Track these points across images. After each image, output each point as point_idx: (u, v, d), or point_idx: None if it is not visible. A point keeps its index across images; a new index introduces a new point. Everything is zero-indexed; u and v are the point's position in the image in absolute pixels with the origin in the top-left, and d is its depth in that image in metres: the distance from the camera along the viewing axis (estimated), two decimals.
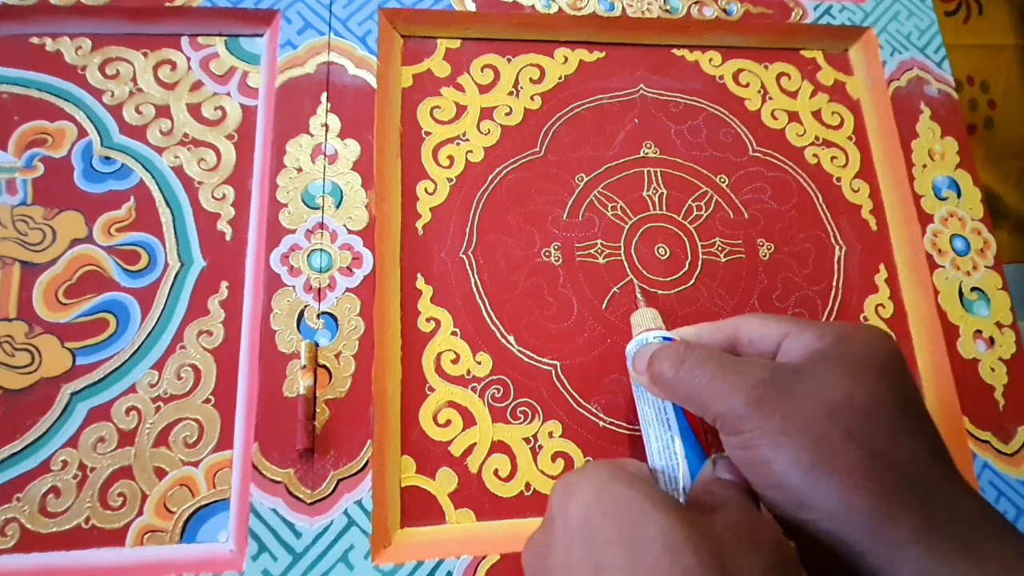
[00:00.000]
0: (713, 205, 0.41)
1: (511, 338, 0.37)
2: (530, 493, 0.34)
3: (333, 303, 0.35)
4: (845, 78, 0.45)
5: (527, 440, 0.35)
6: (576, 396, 0.36)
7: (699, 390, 0.27)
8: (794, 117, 0.44)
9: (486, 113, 0.41)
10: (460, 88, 0.41)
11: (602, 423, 0.36)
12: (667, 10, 0.43)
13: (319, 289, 0.35)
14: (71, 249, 0.35)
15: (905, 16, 0.46)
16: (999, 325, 0.40)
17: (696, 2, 0.44)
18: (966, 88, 0.67)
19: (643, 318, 0.34)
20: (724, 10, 0.44)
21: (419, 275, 0.37)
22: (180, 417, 0.33)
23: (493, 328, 0.37)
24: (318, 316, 0.34)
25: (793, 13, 0.44)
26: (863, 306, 0.40)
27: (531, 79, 0.42)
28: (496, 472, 0.34)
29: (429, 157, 0.39)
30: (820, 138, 0.44)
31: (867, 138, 0.44)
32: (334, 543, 0.31)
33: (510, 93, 0.41)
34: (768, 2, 0.44)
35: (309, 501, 0.31)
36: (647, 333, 0.32)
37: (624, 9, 0.43)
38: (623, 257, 0.39)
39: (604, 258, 0.39)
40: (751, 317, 0.29)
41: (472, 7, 0.41)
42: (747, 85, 0.44)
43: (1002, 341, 0.39)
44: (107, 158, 0.37)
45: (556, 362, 0.36)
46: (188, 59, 0.39)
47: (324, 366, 0.33)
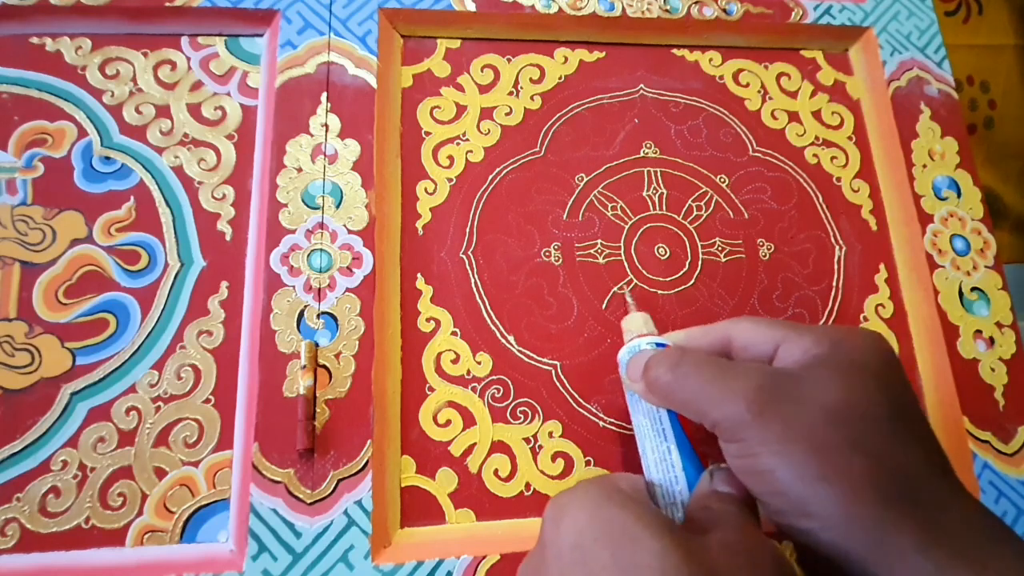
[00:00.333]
0: (713, 205, 0.41)
1: (511, 338, 0.37)
2: (530, 493, 0.34)
3: (333, 303, 0.35)
4: (845, 78, 0.45)
5: (527, 440, 0.35)
6: (576, 396, 0.36)
7: (695, 395, 0.26)
8: (794, 117, 0.44)
9: (486, 113, 0.41)
10: (460, 88, 0.41)
11: (602, 423, 0.36)
12: (667, 10, 0.43)
13: (319, 289, 0.35)
14: (71, 249, 0.35)
15: (905, 16, 0.46)
16: (999, 325, 0.40)
17: (696, 2, 0.44)
18: (966, 88, 0.67)
19: (634, 323, 0.34)
20: (724, 10, 0.44)
21: (419, 275, 0.37)
22: (180, 417, 0.33)
23: (493, 328, 0.37)
24: (318, 316, 0.34)
25: (793, 13, 0.44)
26: (863, 306, 0.40)
27: (531, 79, 0.42)
28: (496, 472, 0.34)
29: (429, 157, 0.39)
30: (820, 138, 0.43)
31: (867, 138, 0.44)
32: (334, 543, 0.31)
33: (510, 93, 0.41)
34: (768, 2, 0.44)
35: (309, 501, 0.31)
36: (639, 339, 0.32)
37: (624, 9, 0.43)
38: (623, 257, 0.39)
39: (604, 258, 0.39)
40: (742, 321, 0.29)
41: (472, 7, 0.41)
42: (747, 85, 0.44)
43: (1002, 341, 0.39)
44: (107, 158, 0.37)
45: (556, 362, 0.36)
46: (188, 59, 0.39)
47: (324, 366, 0.33)
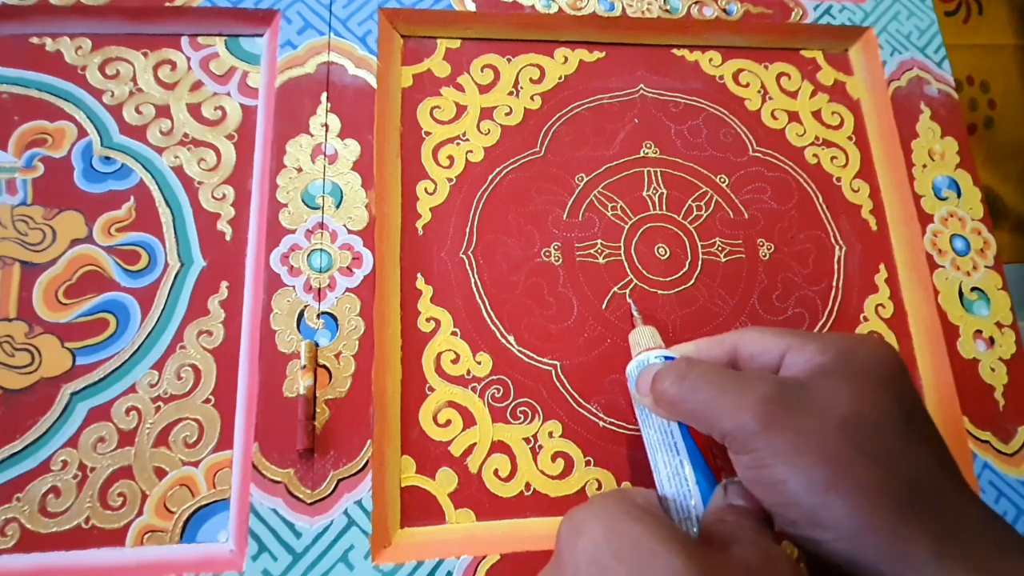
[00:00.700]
0: (713, 205, 0.41)
1: (511, 338, 0.37)
2: (530, 493, 0.34)
3: (333, 303, 0.35)
4: (845, 78, 0.45)
5: (527, 440, 0.35)
6: (576, 396, 0.36)
7: (705, 407, 0.26)
8: (794, 117, 0.44)
9: (486, 113, 0.41)
10: (460, 88, 0.41)
11: (602, 423, 0.36)
12: (667, 10, 0.43)
13: (319, 289, 0.35)
14: (71, 249, 0.35)
15: (905, 16, 0.46)
16: (999, 325, 0.40)
17: (696, 2, 0.44)
18: (966, 88, 0.67)
19: (641, 337, 0.34)
20: (724, 10, 0.44)
21: (419, 275, 0.37)
22: (180, 417, 0.33)
23: (493, 328, 0.37)
24: (318, 316, 0.34)
25: (793, 13, 0.44)
26: (863, 306, 0.40)
27: (531, 79, 0.42)
28: (496, 472, 0.34)
29: (429, 157, 0.39)
30: (820, 138, 0.43)
31: (867, 138, 0.44)
32: (334, 543, 0.31)
33: (510, 93, 0.41)
34: (768, 2, 0.44)
35: (309, 501, 0.31)
36: (647, 353, 0.32)
37: (624, 9, 0.43)
38: (623, 257, 0.39)
39: (604, 258, 0.39)
40: (750, 331, 0.29)
41: (472, 7, 0.41)
42: (747, 85, 0.44)
43: (1002, 341, 0.39)
44: (107, 158, 0.37)
45: (556, 362, 0.36)
46: (188, 59, 0.39)
47: (324, 366, 0.33)
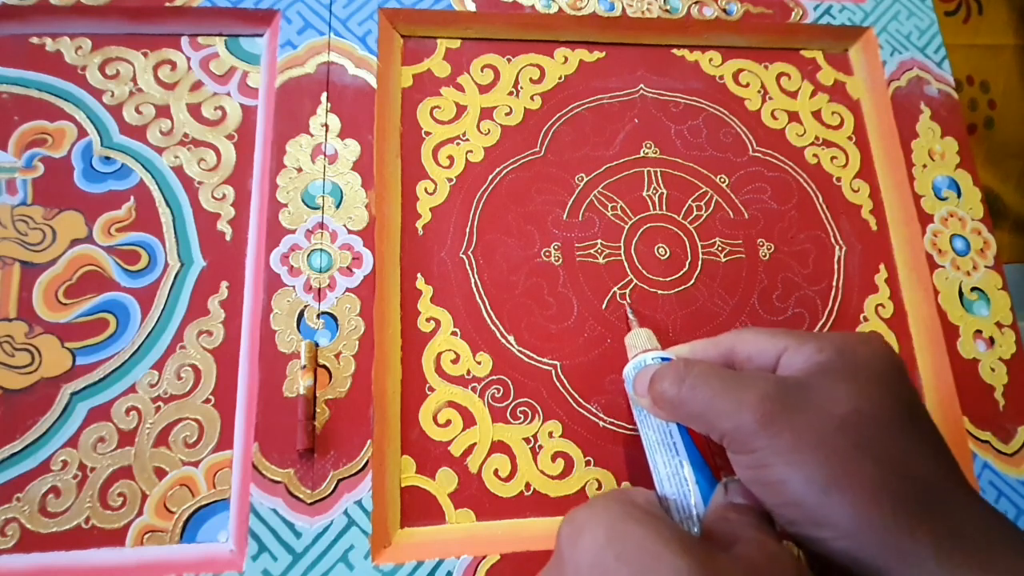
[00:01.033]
0: (713, 205, 0.41)
1: (511, 338, 0.37)
2: (530, 493, 0.34)
3: (333, 303, 0.35)
4: (845, 78, 0.45)
5: (527, 440, 0.35)
6: (576, 396, 0.36)
7: (704, 408, 0.26)
8: (794, 117, 0.44)
9: (486, 113, 0.41)
10: (460, 88, 0.41)
11: (602, 423, 0.36)
12: (667, 10, 0.43)
13: (319, 289, 0.35)
14: (71, 249, 0.35)
15: (905, 16, 0.46)
16: (999, 325, 0.40)
17: (696, 2, 0.44)
18: (966, 88, 0.67)
19: (637, 339, 0.34)
20: (724, 10, 0.44)
21: (419, 275, 0.37)
22: (180, 417, 0.33)
23: (493, 328, 0.37)
24: (318, 316, 0.34)
25: (793, 13, 0.44)
26: (863, 306, 0.40)
27: (531, 79, 0.42)
28: (496, 472, 0.34)
29: (429, 157, 0.39)
30: (820, 138, 0.43)
31: (867, 138, 0.44)
32: (334, 543, 0.31)
33: (510, 93, 0.41)
34: (768, 2, 0.44)
35: (309, 501, 0.31)
36: (644, 354, 0.32)
37: (624, 9, 0.43)
38: (623, 257, 0.39)
39: (604, 258, 0.39)
40: (746, 331, 0.29)
41: (472, 7, 0.41)
42: (747, 85, 0.44)
43: (1002, 341, 0.39)
44: (107, 158, 0.37)
45: (556, 362, 0.36)
46: (188, 59, 0.39)
47: (324, 366, 0.33)
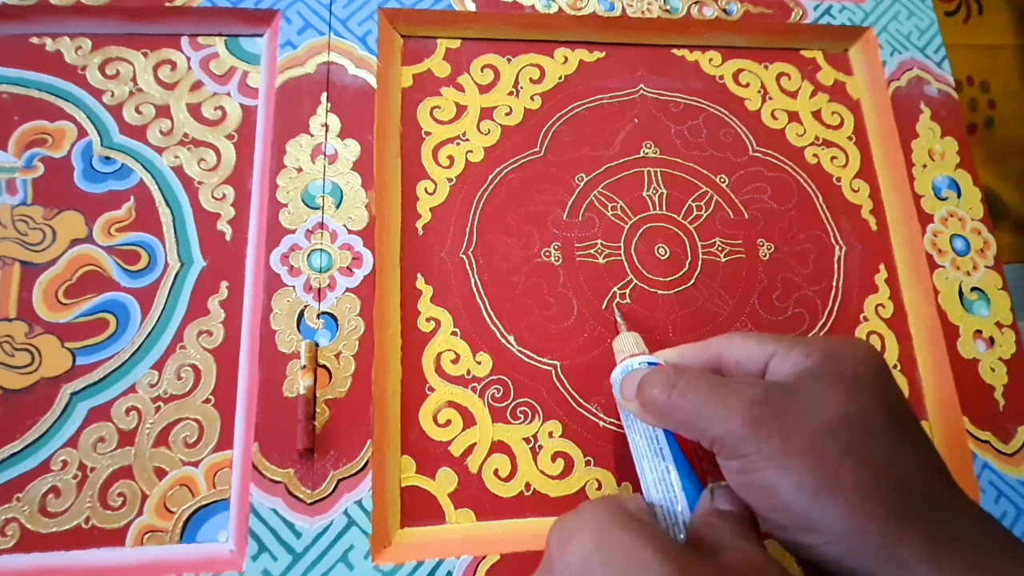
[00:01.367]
0: (713, 205, 0.41)
1: (511, 338, 0.37)
2: (530, 493, 0.34)
3: (333, 303, 0.35)
4: (845, 78, 0.45)
5: (527, 440, 0.35)
6: (576, 396, 0.36)
7: (693, 414, 0.26)
8: (794, 117, 0.44)
9: (486, 113, 0.41)
10: (460, 88, 0.41)
11: (602, 423, 0.36)
12: (667, 10, 0.43)
13: (319, 289, 0.35)
14: (71, 249, 0.35)
15: (905, 16, 0.46)
16: (999, 325, 0.40)
17: (696, 2, 0.44)
18: (966, 88, 0.67)
19: (625, 343, 0.34)
20: (724, 10, 0.44)
21: (419, 275, 0.37)
22: (180, 417, 0.33)
23: (493, 328, 0.37)
24: (318, 316, 0.34)
25: (793, 13, 0.44)
26: (863, 306, 0.40)
27: (531, 79, 0.42)
28: (496, 472, 0.34)
29: (429, 157, 0.39)
30: (820, 138, 0.43)
31: (867, 138, 0.44)
32: (334, 543, 0.31)
33: (510, 93, 0.41)
34: (768, 2, 0.44)
35: (309, 501, 0.31)
36: (631, 359, 0.32)
37: (624, 9, 0.43)
38: (623, 257, 0.39)
39: (604, 258, 0.39)
40: (734, 337, 0.29)
41: (472, 7, 0.41)
42: (747, 85, 0.44)
43: (1002, 341, 0.39)
44: (107, 158, 0.37)
45: (556, 362, 0.36)
46: (188, 59, 0.39)
47: (324, 366, 0.33)
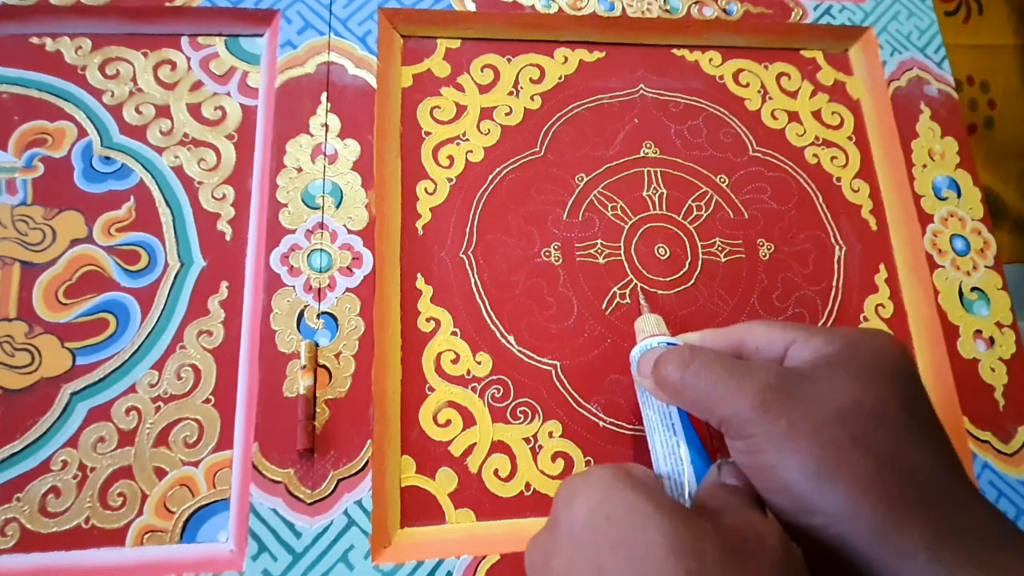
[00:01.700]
0: (713, 205, 0.41)
1: (511, 338, 0.37)
2: (530, 493, 0.34)
3: (333, 303, 0.35)
4: (845, 78, 0.45)
5: (527, 440, 0.35)
6: (576, 396, 0.36)
7: (704, 394, 0.26)
8: (794, 117, 0.44)
9: (486, 113, 0.41)
10: (460, 88, 0.41)
11: (602, 423, 0.36)
12: (667, 10, 0.43)
13: (319, 289, 0.35)
14: (71, 249, 0.35)
15: (905, 16, 0.46)
16: (999, 325, 0.40)
17: (696, 2, 0.44)
18: (966, 88, 0.67)
19: (647, 324, 0.34)
20: (724, 10, 0.44)
21: (419, 275, 0.37)
22: (180, 417, 0.33)
23: (493, 328, 0.37)
24: (318, 316, 0.34)
25: (793, 13, 0.44)
26: (863, 306, 0.40)
27: (531, 79, 0.42)
28: (496, 472, 0.34)
29: (429, 157, 0.39)
30: (820, 138, 0.43)
31: (867, 138, 0.44)
32: (334, 543, 0.31)
33: (510, 93, 0.41)
34: (768, 2, 0.44)
35: (309, 501, 0.31)
36: (652, 339, 0.32)
37: (624, 9, 0.43)
38: (623, 257, 0.39)
39: (604, 258, 0.39)
40: (756, 324, 0.29)
41: (472, 7, 0.41)
42: (747, 85, 0.44)
43: (1002, 341, 0.39)
44: (107, 158, 0.37)
45: (556, 362, 0.36)
46: (188, 59, 0.39)
47: (324, 366, 0.33)
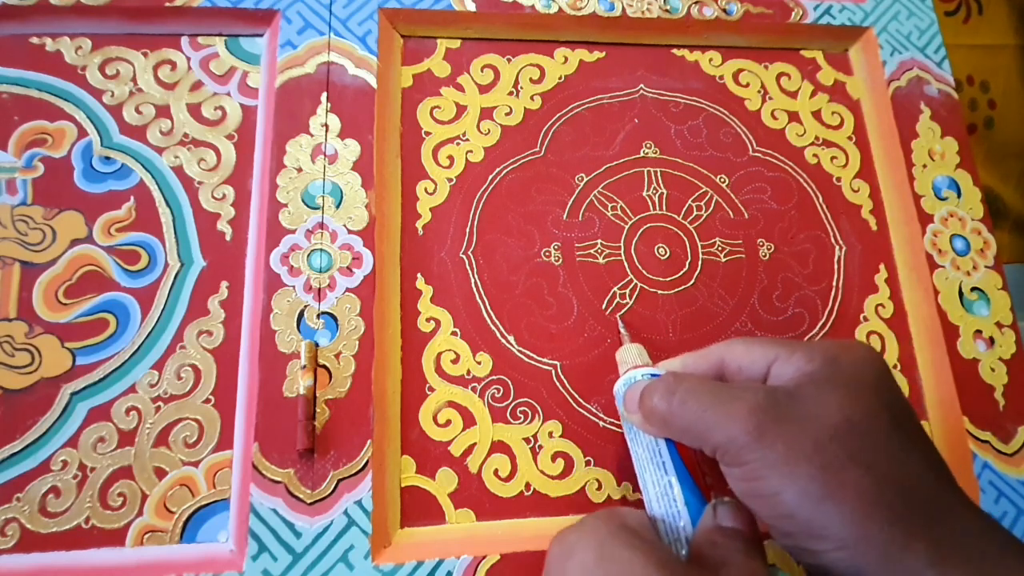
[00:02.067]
0: (713, 205, 0.41)
1: (511, 338, 0.37)
2: (530, 493, 0.34)
3: (333, 303, 0.35)
4: (845, 78, 0.45)
5: (527, 440, 0.35)
6: (576, 396, 0.36)
7: (694, 422, 0.26)
8: (794, 117, 0.44)
9: (486, 113, 0.41)
10: (460, 88, 0.41)
11: (602, 423, 0.36)
12: (667, 10, 0.43)
13: (319, 289, 0.35)
14: (71, 249, 0.35)
15: (905, 16, 0.46)
16: (999, 325, 0.40)
17: (696, 2, 0.44)
18: (966, 88, 0.67)
19: (628, 355, 0.33)
20: (724, 10, 0.44)
21: (419, 275, 0.37)
22: (180, 417, 0.33)
23: (493, 328, 0.37)
24: (318, 316, 0.34)
25: (793, 13, 0.44)
26: (863, 306, 0.40)
27: (531, 79, 0.42)
28: (496, 472, 0.34)
29: (429, 157, 0.39)
30: (820, 138, 0.44)
31: (867, 138, 0.44)
32: (334, 543, 0.31)
33: (510, 93, 0.41)
34: (768, 2, 0.44)
35: (309, 501, 0.31)
36: (634, 371, 0.32)
37: (624, 9, 0.43)
38: (623, 257, 0.39)
39: (604, 258, 0.39)
40: (735, 343, 0.29)
41: (472, 7, 0.41)
42: (747, 85, 0.44)
43: (1002, 341, 0.39)
44: (107, 158, 0.37)
45: (556, 362, 0.36)
46: (188, 59, 0.39)
47: (324, 366, 0.33)
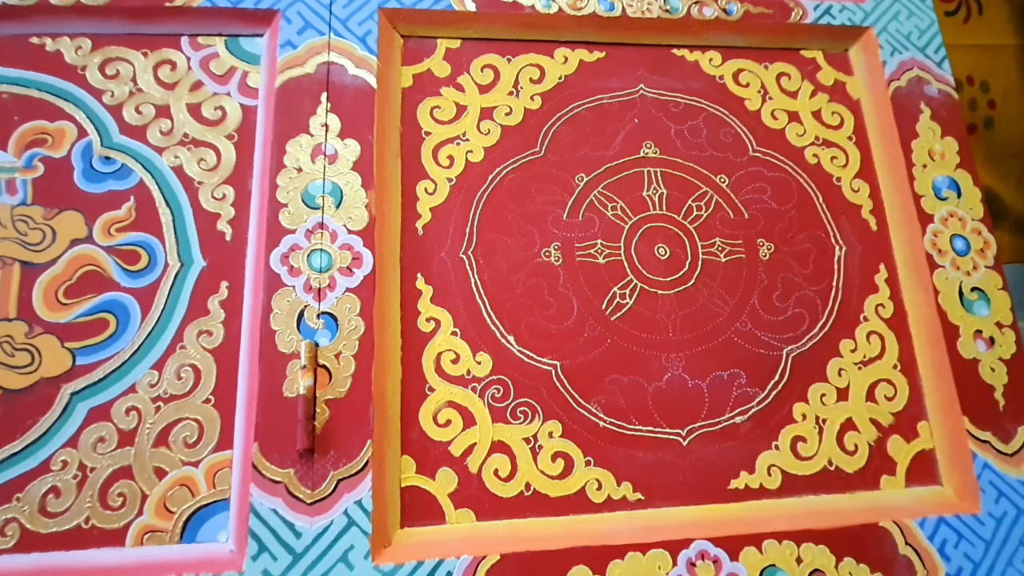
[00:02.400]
0: (713, 205, 0.41)
1: (511, 338, 0.37)
2: (530, 493, 0.34)
3: (333, 303, 0.35)
4: (845, 78, 0.45)
5: (527, 440, 0.35)
6: (576, 396, 0.36)
7: None
8: (794, 117, 0.44)
9: (486, 113, 0.41)
10: (460, 88, 0.41)
11: (602, 423, 0.36)
12: (667, 10, 0.43)
13: (319, 289, 0.35)
14: (71, 249, 0.35)
15: (905, 16, 0.46)
16: (999, 325, 0.40)
17: (696, 2, 0.44)
18: (966, 88, 0.67)
19: None
20: (724, 10, 0.44)
21: (419, 275, 0.37)
22: (180, 417, 0.33)
23: (493, 328, 0.37)
24: (318, 316, 0.34)
25: (793, 13, 0.44)
26: (863, 306, 0.40)
27: (531, 79, 0.42)
28: (496, 472, 0.34)
29: (429, 157, 0.39)
30: (820, 138, 0.43)
31: (867, 138, 0.44)
32: (334, 543, 0.31)
33: (510, 93, 0.41)
34: (768, 2, 0.44)
35: (309, 501, 0.31)
36: None
37: (624, 9, 0.43)
38: (623, 257, 0.39)
39: (604, 258, 0.39)
40: None
41: (472, 7, 0.41)
42: (747, 85, 0.44)
43: (1002, 341, 0.39)
44: (107, 158, 0.37)
45: (556, 362, 0.36)
46: (188, 59, 0.39)
47: (324, 366, 0.33)
